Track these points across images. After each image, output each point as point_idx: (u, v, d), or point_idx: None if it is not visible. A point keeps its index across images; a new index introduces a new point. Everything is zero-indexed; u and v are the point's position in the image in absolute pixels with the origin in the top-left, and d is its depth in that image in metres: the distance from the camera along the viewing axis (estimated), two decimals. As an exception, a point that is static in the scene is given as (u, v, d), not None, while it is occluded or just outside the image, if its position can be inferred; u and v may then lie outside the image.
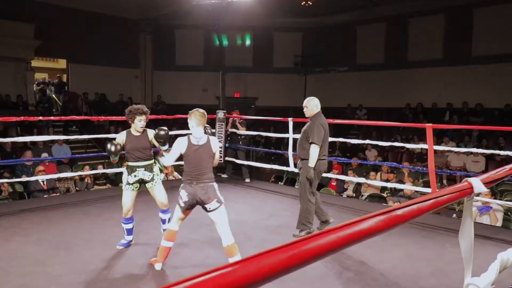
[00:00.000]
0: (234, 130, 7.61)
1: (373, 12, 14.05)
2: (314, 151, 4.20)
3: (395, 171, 7.45)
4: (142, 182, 3.89)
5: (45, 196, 6.54)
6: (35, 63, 14.29)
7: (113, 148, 3.73)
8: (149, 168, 3.91)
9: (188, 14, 13.59)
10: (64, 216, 5.09)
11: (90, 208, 5.46)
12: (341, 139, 6.44)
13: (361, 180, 6.01)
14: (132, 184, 3.86)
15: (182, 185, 3.32)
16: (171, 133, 4.29)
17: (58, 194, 6.71)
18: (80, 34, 14.06)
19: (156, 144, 3.88)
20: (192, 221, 4.89)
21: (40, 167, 6.83)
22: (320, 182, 8.28)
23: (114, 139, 3.98)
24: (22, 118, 5.60)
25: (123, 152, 3.91)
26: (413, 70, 13.72)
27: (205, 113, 3.38)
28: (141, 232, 4.37)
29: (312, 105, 4.30)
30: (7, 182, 6.21)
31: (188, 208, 3.34)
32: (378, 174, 7.57)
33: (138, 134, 3.87)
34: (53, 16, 13.38)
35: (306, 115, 4.36)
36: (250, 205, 5.82)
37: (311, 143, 4.19)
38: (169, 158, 3.42)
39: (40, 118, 7.06)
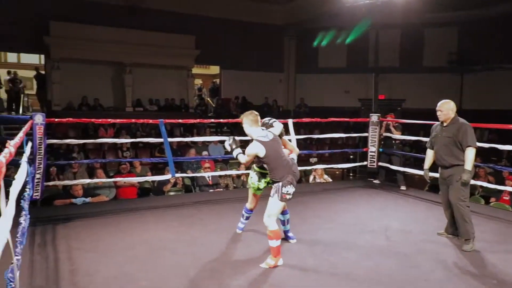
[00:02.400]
0: (388, 134, 7.26)
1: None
2: (472, 154, 4.07)
3: None
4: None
5: (210, 190, 7.23)
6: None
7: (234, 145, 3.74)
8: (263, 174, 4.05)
9: (333, 16, 13.56)
10: (232, 210, 5.52)
11: (253, 205, 5.81)
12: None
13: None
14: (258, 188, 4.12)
15: (283, 182, 3.40)
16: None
17: (221, 189, 7.34)
18: (231, 42, 15.27)
19: None
20: (353, 227, 4.81)
21: (207, 164, 7.59)
22: (487, 195, 7.36)
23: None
24: (197, 120, 6.27)
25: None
26: None
27: (256, 113, 3.56)
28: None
29: (447, 109, 4.17)
30: (182, 177, 7.06)
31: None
32: None
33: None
34: (210, 27, 14.81)
35: (441, 119, 4.25)
36: (411, 215, 5.46)
37: (468, 146, 4.06)
38: (245, 158, 3.52)
39: (212, 120, 7.81)
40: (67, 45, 12.65)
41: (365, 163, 7.61)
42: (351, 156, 11.34)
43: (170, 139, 6.89)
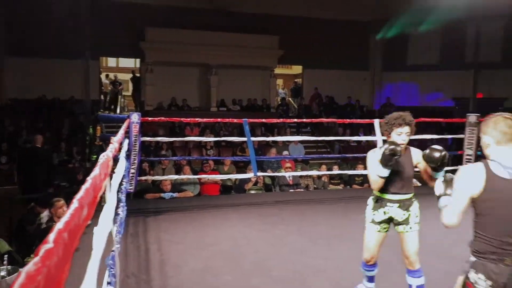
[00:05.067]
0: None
1: None
2: None
3: None
4: (391, 221, 2.78)
5: (290, 190, 7.19)
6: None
7: (399, 148, 2.50)
8: (405, 206, 2.72)
9: (426, 10, 12.70)
10: (313, 211, 5.44)
11: (335, 207, 5.67)
12: None
13: None
14: (379, 223, 2.77)
15: (474, 261, 1.85)
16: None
17: (302, 190, 7.26)
18: (314, 41, 15.07)
19: (422, 167, 2.71)
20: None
21: (288, 164, 7.58)
22: None
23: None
24: (280, 120, 6.25)
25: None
26: None
27: None
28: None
29: None
30: (263, 176, 7.12)
31: None
32: None
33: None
34: (293, 27, 14.78)
35: None
36: None
37: None
38: (450, 213, 1.90)
39: (294, 120, 7.77)
40: (160, 49, 13.55)
41: (459, 167, 6.98)
42: (447, 157, 10.50)
43: (251, 139, 6.99)
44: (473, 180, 1.82)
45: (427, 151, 2.49)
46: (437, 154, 2.44)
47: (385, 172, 2.58)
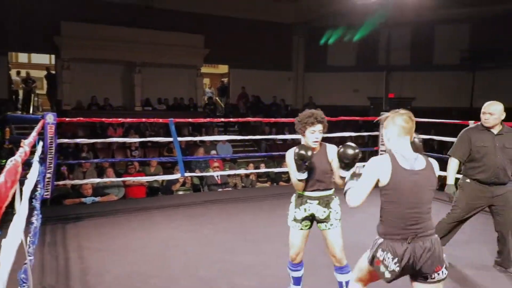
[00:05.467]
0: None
1: None
2: None
3: None
4: (313, 219, 2.82)
5: (219, 189, 7.22)
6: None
7: (309, 153, 2.59)
8: (324, 202, 2.76)
9: (343, 14, 13.49)
10: (241, 209, 5.52)
11: (262, 204, 5.81)
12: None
13: None
14: (301, 221, 2.80)
15: (381, 242, 2.11)
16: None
17: (230, 189, 7.32)
18: (240, 41, 15.24)
19: (335, 166, 2.73)
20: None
21: (216, 163, 7.59)
22: None
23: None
24: (207, 120, 6.22)
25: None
26: None
27: (412, 117, 2.14)
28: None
29: (500, 112, 3.32)
30: (191, 176, 7.05)
31: (397, 278, 2.14)
32: None
33: (313, 152, 2.70)
34: (219, 26, 14.80)
35: (488, 124, 3.36)
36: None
37: None
38: (355, 195, 2.16)
39: (221, 120, 7.75)
40: (77, 45, 12.70)
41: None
42: (360, 155, 11.26)
43: (178, 139, 6.88)
44: (380, 169, 2.07)
45: (342, 148, 2.51)
46: (351, 151, 2.46)
47: (302, 176, 2.69)
